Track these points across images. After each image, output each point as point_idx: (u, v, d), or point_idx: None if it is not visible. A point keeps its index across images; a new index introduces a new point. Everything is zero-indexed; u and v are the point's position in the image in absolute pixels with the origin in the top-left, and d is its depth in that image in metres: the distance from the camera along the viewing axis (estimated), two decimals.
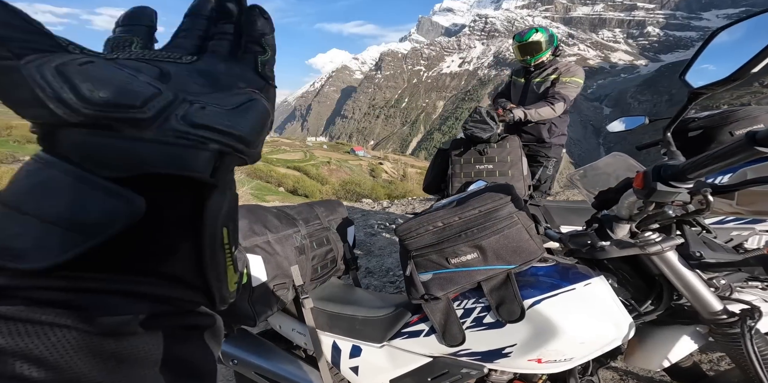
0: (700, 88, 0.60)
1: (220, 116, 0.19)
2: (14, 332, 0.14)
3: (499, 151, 1.71)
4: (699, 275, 0.69)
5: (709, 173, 0.49)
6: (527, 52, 2.21)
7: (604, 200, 0.73)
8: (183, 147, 0.18)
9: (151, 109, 0.17)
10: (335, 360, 0.95)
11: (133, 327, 0.17)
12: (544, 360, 0.73)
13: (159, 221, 0.18)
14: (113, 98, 0.17)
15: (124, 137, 0.17)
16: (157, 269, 0.19)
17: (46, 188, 0.16)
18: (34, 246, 0.16)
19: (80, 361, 0.15)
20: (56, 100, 0.16)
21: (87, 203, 0.16)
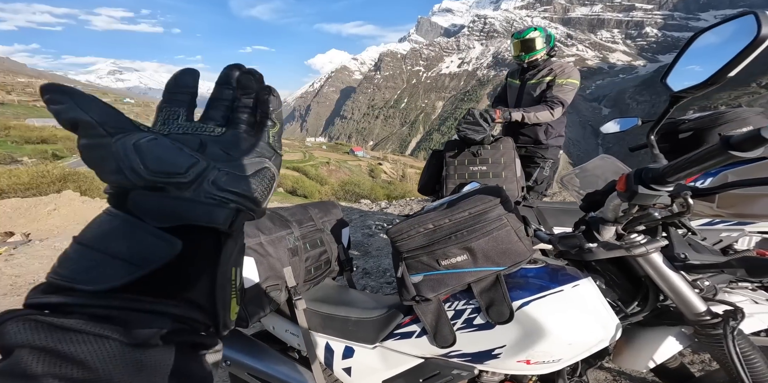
0: (680, 92, 0.61)
1: (239, 182, 0.26)
2: (72, 340, 0.18)
3: (492, 152, 1.72)
4: (683, 276, 0.69)
5: (687, 176, 0.50)
6: (522, 48, 2.25)
7: (591, 202, 0.74)
8: (211, 205, 0.24)
9: (191, 174, 0.24)
10: (328, 361, 0.95)
11: (156, 339, 0.21)
12: (532, 361, 0.74)
13: (188, 258, 0.24)
14: (167, 167, 0.23)
15: (170, 196, 0.23)
16: (181, 294, 0.24)
17: (114, 233, 0.23)
18: (100, 274, 0.21)
19: (112, 366, 0.19)
20: (130, 169, 0.22)
21: (142, 244, 0.22)
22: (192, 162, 0.24)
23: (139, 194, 0.23)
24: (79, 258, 0.22)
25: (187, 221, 0.24)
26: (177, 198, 0.23)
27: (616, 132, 1.57)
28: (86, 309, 0.21)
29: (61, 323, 0.19)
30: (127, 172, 0.22)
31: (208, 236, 0.25)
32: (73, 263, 0.22)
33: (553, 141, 2.28)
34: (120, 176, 0.22)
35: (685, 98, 0.62)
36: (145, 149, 0.23)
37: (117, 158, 0.22)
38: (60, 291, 0.21)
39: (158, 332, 0.21)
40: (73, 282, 0.21)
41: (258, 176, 0.27)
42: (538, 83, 2.22)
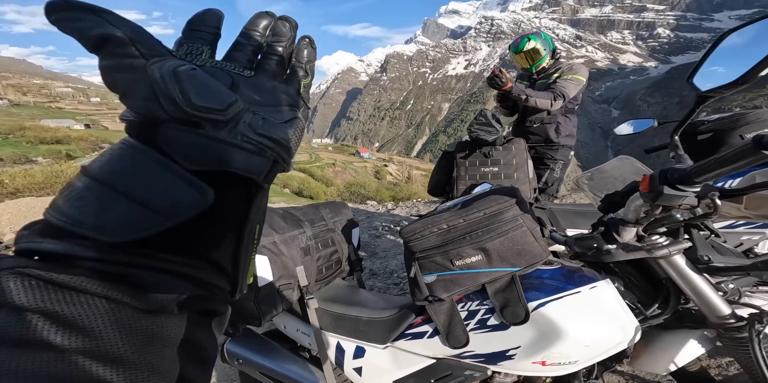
0: (707, 92, 0.60)
1: (275, 128, 0.23)
2: (74, 302, 0.16)
3: (504, 154, 1.71)
4: (707, 279, 0.68)
5: (716, 177, 0.49)
6: (527, 60, 2.23)
7: (610, 203, 0.73)
8: (248, 151, 0.21)
9: (230, 113, 0.21)
10: (339, 360, 0.95)
11: (173, 306, 0.18)
12: (548, 363, 0.73)
13: (217, 213, 0.21)
14: (208, 101, 0.20)
15: (206, 135, 0.20)
16: (204, 254, 0.21)
17: (138, 171, 0.19)
18: (119, 222, 0.18)
19: (116, 334, 0.16)
20: (167, 97, 0.19)
21: (171, 188, 0.19)
22: (232, 99, 0.21)
23: (173, 127, 0.20)
24: (90, 196, 0.18)
25: (223, 166, 0.20)
26: (213, 138, 0.20)
27: (629, 134, 1.54)
28: (95, 264, 0.17)
29: (62, 280, 0.16)
30: (163, 100, 0.19)
31: (241, 188, 0.22)
32: (83, 202, 0.18)
33: (564, 141, 2.26)
34: (153, 104, 0.19)
35: (712, 98, 0.61)
36: (186, 78, 0.19)
37: (154, 84, 0.19)
38: (61, 236, 0.17)
39: (177, 298, 0.18)
40: (81, 227, 0.17)
41: (291, 125, 0.24)
42: (546, 81, 2.22)
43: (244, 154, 0.21)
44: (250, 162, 0.21)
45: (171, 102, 0.19)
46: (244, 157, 0.21)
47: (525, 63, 2.25)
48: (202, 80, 0.20)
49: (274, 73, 0.26)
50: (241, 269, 0.23)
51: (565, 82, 2.10)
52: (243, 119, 0.21)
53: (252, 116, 0.22)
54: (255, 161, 0.22)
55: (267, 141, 0.22)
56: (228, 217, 0.22)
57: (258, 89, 0.24)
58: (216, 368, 1.61)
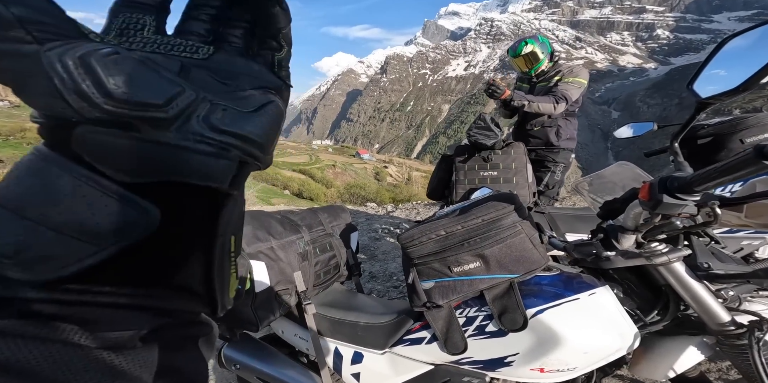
0: (707, 99, 0.60)
1: (241, 121, 0.18)
2: (5, 347, 0.13)
3: (503, 158, 1.71)
4: (706, 286, 0.67)
5: (716, 186, 0.48)
6: (525, 64, 2.23)
7: (609, 210, 0.73)
8: (205, 154, 0.17)
9: (174, 108, 0.16)
10: (337, 366, 0.94)
11: (134, 342, 0.16)
12: (546, 370, 0.73)
13: (171, 232, 0.17)
14: (137, 95, 0.15)
15: (143, 138, 0.16)
16: (168, 281, 0.18)
17: (53, 191, 0.15)
18: (39, 256, 0.15)
19: (74, 376, 0.14)
20: (75, 92, 0.15)
21: (100, 210, 0.15)
22: (175, 91, 0.16)
23: (92, 130, 0.15)
24: (2, 228, 0.15)
25: (171, 175, 0.16)
26: (153, 141, 0.16)
27: (629, 137, 1.53)
28: (26, 305, 0.15)
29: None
30: (69, 96, 0.15)
31: (200, 199, 0.18)
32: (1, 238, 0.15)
33: (565, 144, 2.25)
34: (58, 101, 0.15)
35: (712, 105, 0.60)
36: (99, 66, 0.15)
37: (53, 75, 0.15)
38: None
39: (135, 334, 0.16)
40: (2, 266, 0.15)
41: (263, 113, 0.20)
42: (547, 84, 2.22)
43: (200, 158, 0.17)
44: (209, 168, 0.17)
45: (82, 98, 0.15)
46: (200, 162, 0.17)
47: (524, 67, 2.26)
48: (127, 68, 0.16)
49: (240, 48, 0.21)
50: (217, 287, 0.20)
51: (566, 86, 2.10)
52: (196, 114, 0.17)
53: (208, 108, 0.17)
54: (215, 166, 0.17)
55: (230, 138, 0.18)
56: (189, 235, 0.18)
57: (218, 71, 0.20)
58: (213, 372, 1.61)
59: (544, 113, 2.08)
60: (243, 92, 0.20)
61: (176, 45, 0.19)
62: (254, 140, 0.19)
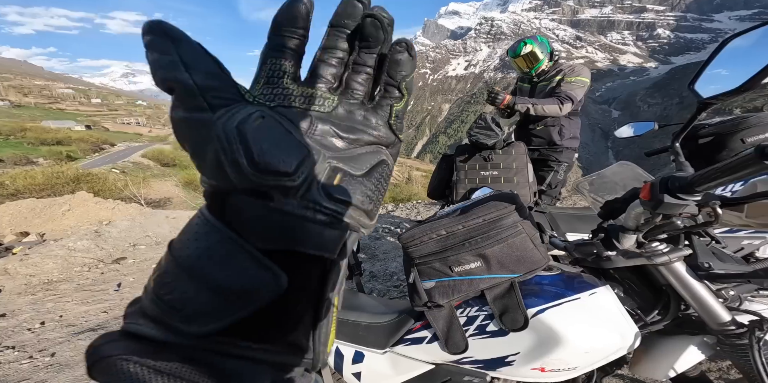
0: (709, 99, 0.60)
1: (354, 186, 0.19)
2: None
3: (504, 157, 1.70)
4: (707, 286, 0.68)
5: (717, 186, 0.48)
6: (525, 64, 2.23)
7: (610, 209, 0.73)
8: (321, 224, 0.18)
9: (300, 176, 0.17)
10: (338, 365, 0.94)
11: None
12: (547, 369, 0.73)
13: (292, 295, 0.18)
14: (275, 164, 0.16)
15: (275, 209, 0.17)
16: (286, 338, 0.19)
17: (214, 256, 0.17)
18: (199, 311, 0.17)
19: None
20: (233, 163, 0.16)
21: (244, 273, 0.17)
22: (302, 156, 0.17)
23: (242, 200, 0.17)
24: (174, 283, 0.18)
25: (295, 245, 0.18)
26: (282, 212, 0.17)
27: (630, 137, 1.53)
28: (184, 351, 0.17)
29: (159, 367, 0.16)
30: (228, 167, 0.16)
31: (314, 266, 0.19)
32: (170, 291, 0.18)
33: (568, 143, 2.24)
34: (219, 172, 0.16)
35: (713, 105, 0.60)
36: (251, 135, 0.16)
37: (219, 146, 0.16)
38: (157, 321, 0.18)
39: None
40: (172, 317, 0.17)
41: (375, 175, 0.20)
42: (549, 83, 2.21)
43: (317, 228, 0.18)
44: (324, 238, 0.18)
45: (236, 167, 0.16)
46: (317, 232, 0.18)
47: (524, 67, 2.26)
48: (270, 134, 0.17)
49: (361, 96, 0.21)
50: (320, 344, 0.21)
51: (570, 86, 2.09)
52: (315, 180, 0.18)
53: (327, 172, 0.18)
54: (328, 236, 0.19)
55: (342, 208, 0.18)
56: (303, 298, 0.19)
57: (340, 124, 0.20)
58: None
59: (550, 114, 2.08)
60: (358, 149, 0.20)
61: (308, 96, 0.20)
62: (363, 210, 0.19)
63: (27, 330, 2.24)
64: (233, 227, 0.17)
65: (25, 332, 2.22)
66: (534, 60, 2.19)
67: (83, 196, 6.34)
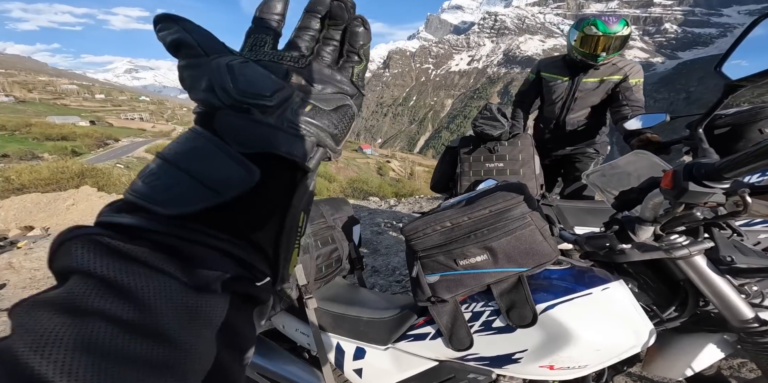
0: (738, 81, 0.55)
1: (320, 115, 0.24)
2: (134, 272, 0.17)
3: (510, 149, 1.65)
4: (729, 281, 0.64)
5: (748, 172, 0.44)
6: (604, 46, 1.73)
7: (625, 200, 0.69)
8: (292, 135, 0.23)
9: (276, 98, 0.23)
10: (339, 361, 0.92)
11: (217, 284, 0.19)
12: (556, 367, 0.70)
13: (261, 193, 0.22)
14: (255, 88, 0.22)
15: (254, 119, 0.22)
16: (248, 235, 0.22)
17: (197, 152, 0.21)
18: (178, 196, 0.20)
19: (167, 310, 0.17)
20: (220, 87, 0.22)
21: (222, 167, 0.21)
22: (277, 87, 0.23)
23: (226, 113, 0.22)
24: (160, 174, 0.21)
25: (268, 148, 0.22)
26: (260, 122, 0.22)
27: (639, 129, 1.47)
28: (156, 236, 0.19)
29: (128, 250, 0.17)
30: (217, 90, 0.22)
31: (285, 171, 0.23)
32: (154, 180, 0.21)
33: (606, 137, 2.12)
34: (210, 93, 0.22)
35: (742, 88, 0.56)
36: (236, 70, 0.22)
37: (210, 76, 0.22)
38: (133, 211, 0.20)
39: (221, 276, 0.19)
40: (149, 201, 0.20)
41: (339, 113, 0.26)
42: (601, 82, 1.85)
43: (289, 137, 0.23)
44: (294, 145, 0.23)
45: (223, 90, 0.22)
46: (288, 140, 0.23)
47: (597, 50, 1.73)
48: (251, 71, 0.23)
49: (329, 61, 0.27)
50: (282, 255, 0.24)
51: (638, 90, 1.80)
52: (290, 106, 0.23)
53: (300, 103, 0.24)
54: (298, 145, 0.23)
55: (310, 127, 0.24)
56: (272, 199, 0.23)
57: (311, 78, 0.26)
58: None
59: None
60: (327, 95, 0.26)
61: (285, 56, 0.25)
62: (327, 131, 0.25)
63: None
64: (218, 135, 0.22)
65: None
66: (618, 47, 1.76)
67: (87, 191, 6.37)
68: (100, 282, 0.16)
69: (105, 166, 14.88)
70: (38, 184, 9.76)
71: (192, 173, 0.20)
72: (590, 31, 1.74)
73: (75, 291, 0.16)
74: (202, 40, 0.23)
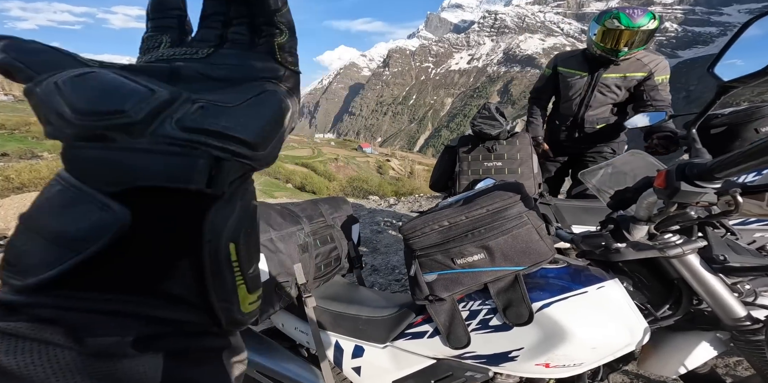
0: (730, 82, 0.56)
1: (217, 116, 0.18)
2: (16, 350, 0.14)
3: (508, 148, 1.66)
4: (722, 279, 0.65)
5: (740, 172, 0.45)
6: (627, 41, 1.63)
7: (620, 199, 0.70)
8: (172, 155, 0.17)
9: (140, 111, 0.17)
10: (338, 359, 0.93)
11: (124, 348, 0.16)
12: (552, 365, 0.71)
13: (151, 236, 0.17)
14: (98, 105, 0.16)
15: (117, 147, 0.17)
16: (153, 288, 0.18)
17: (52, 206, 0.17)
18: (35, 263, 0.16)
19: (75, 381, 0.15)
20: (55, 114, 0.16)
21: (78, 217, 0.16)
22: (141, 95, 0.17)
23: (77, 146, 0.17)
24: (14, 239, 0.17)
25: (137, 180, 0.17)
26: (125, 149, 0.17)
27: (644, 126, 1.44)
28: (31, 310, 0.16)
29: (4, 328, 0.15)
30: (52, 119, 0.16)
31: (176, 201, 0.18)
32: (9, 247, 0.17)
33: (623, 135, 2.04)
34: (49, 127, 0.17)
35: (734, 89, 0.57)
36: (70, 85, 0.16)
37: (38, 104, 0.17)
38: (3, 284, 0.17)
39: (120, 340, 0.16)
40: (10, 273, 0.16)
41: (253, 105, 0.19)
42: (624, 79, 1.76)
43: (163, 159, 0.17)
44: (173, 169, 0.17)
45: (59, 117, 0.16)
46: (166, 163, 0.17)
47: (621, 44, 1.63)
48: (93, 83, 0.17)
49: (243, 44, 0.22)
50: (215, 298, 0.19)
51: (664, 88, 1.70)
52: (172, 116, 0.17)
53: (188, 108, 0.18)
54: (180, 166, 0.17)
55: (199, 137, 0.17)
56: (168, 239, 0.18)
57: (212, 69, 0.20)
58: None
59: None
60: (237, 87, 0.20)
61: (179, 52, 0.20)
62: (229, 135, 0.18)
63: None
64: (76, 176, 0.17)
65: None
66: (643, 41, 1.65)
67: None
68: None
69: None
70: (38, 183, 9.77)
71: (45, 234, 0.16)
72: (612, 24, 1.63)
73: None
74: (29, 62, 0.17)
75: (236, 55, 0.21)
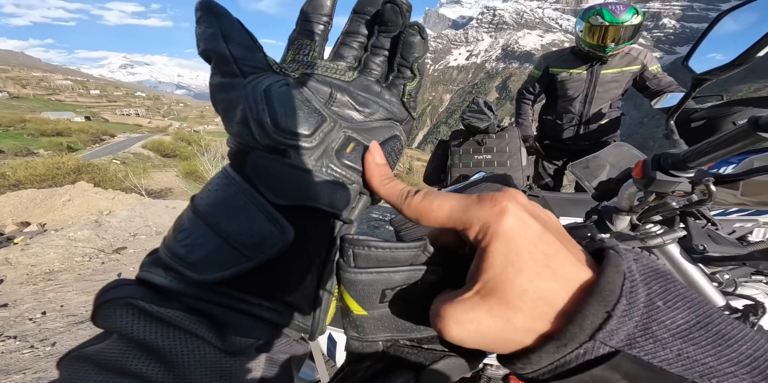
0: (704, 74, 0.57)
1: (361, 159, 0.21)
2: (169, 336, 0.16)
3: (497, 141, 1.69)
4: (701, 269, 0.66)
5: (710, 161, 0.46)
6: (613, 37, 1.67)
7: (604, 191, 0.71)
8: (333, 183, 0.20)
9: (316, 138, 0.19)
10: (331, 351, 0.95)
11: (251, 349, 0.18)
12: None
13: (296, 253, 0.19)
14: (294, 125, 0.18)
15: (291, 164, 0.19)
16: (289, 297, 0.19)
17: (229, 205, 0.18)
18: (206, 258, 0.18)
19: (199, 373, 0.16)
20: (257, 122, 0.18)
21: (254, 225, 0.18)
22: (319, 122, 0.19)
23: (260, 155, 0.19)
24: (191, 230, 0.18)
25: (305, 200, 0.19)
26: (297, 167, 0.19)
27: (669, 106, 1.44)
28: (188, 300, 0.18)
29: (161, 314, 0.16)
30: (253, 125, 0.18)
31: (323, 225, 0.20)
32: (185, 237, 0.18)
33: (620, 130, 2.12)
34: (245, 128, 0.18)
35: (708, 81, 0.58)
36: (275, 98, 0.18)
37: (245, 105, 0.18)
38: (167, 269, 0.18)
39: (255, 342, 0.18)
40: (179, 263, 0.18)
41: (386, 149, 0.21)
42: (621, 73, 1.84)
43: (328, 185, 0.19)
44: (334, 196, 0.20)
45: (260, 126, 0.18)
46: (328, 189, 0.19)
47: (608, 40, 1.67)
48: (292, 99, 0.19)
49: (378, 75, 0.23)
50: (320, 311, 0.21)
51: (663, 76, 1.79)
52: (331, 145, 0.20)
53: (341, 141, 0.20)
54: (339, 195, 0.20)
55: (353, 173, 0.20)
56: (308, 257, 0.20)
57: (357, 97, 0.22)
58: None
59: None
60: (373, 123, 0.22)
61: (330, 70, 0.22)
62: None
63: (29, 320, 2.26)
64: (251, 182, 0.19)
65: (26, 322, 2.24)
66: (629, 36, 1.70)
67: (83, 186, 6.35)
68: (137, 345, 0.16)
69: (101, 162, 14.79)
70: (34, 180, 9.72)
71: (221, 233, 0.18)
72: (596, 21, 1.68)
73: (113, 351, 0.16)
74: (239, 53, 0.19)
75: (375, 90, 0.23)
